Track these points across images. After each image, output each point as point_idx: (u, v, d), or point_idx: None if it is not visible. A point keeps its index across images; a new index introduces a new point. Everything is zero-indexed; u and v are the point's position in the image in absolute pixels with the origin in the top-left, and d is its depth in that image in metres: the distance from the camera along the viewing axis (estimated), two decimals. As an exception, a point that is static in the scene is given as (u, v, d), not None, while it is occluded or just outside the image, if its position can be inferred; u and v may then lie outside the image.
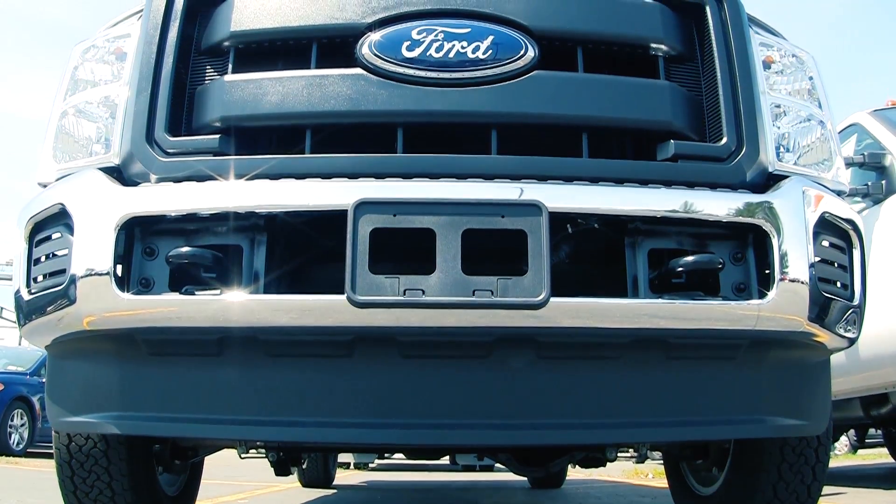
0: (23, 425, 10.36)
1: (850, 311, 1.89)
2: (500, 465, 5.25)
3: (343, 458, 9.40)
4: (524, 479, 6.52)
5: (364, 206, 1.68)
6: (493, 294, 1.65)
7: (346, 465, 10.68)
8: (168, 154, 1.86)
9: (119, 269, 1.74)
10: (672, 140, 1.91)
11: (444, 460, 10.38)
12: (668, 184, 1.85)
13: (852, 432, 9.65)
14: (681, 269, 1.82)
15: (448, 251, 1.66)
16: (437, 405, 1.82)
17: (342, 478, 7.72)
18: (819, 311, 1.80)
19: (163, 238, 1.80)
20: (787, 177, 1.92)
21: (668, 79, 2.00)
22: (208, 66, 2.03)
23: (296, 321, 1.70)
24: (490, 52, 1.89)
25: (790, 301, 1.77)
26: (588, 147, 1.91)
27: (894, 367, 4.06)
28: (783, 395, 1.92)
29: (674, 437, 2.08)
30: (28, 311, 1.85)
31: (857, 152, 4.53)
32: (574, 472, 7.57)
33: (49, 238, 1.87)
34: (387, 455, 9.72)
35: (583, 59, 1.97)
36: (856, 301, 1.90)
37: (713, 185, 1.87)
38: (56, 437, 2.24)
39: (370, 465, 11.48)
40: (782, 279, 1.76)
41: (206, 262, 1.78)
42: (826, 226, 1.88)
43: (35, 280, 1.87)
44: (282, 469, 3.10)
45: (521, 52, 1.90)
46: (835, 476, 5.48)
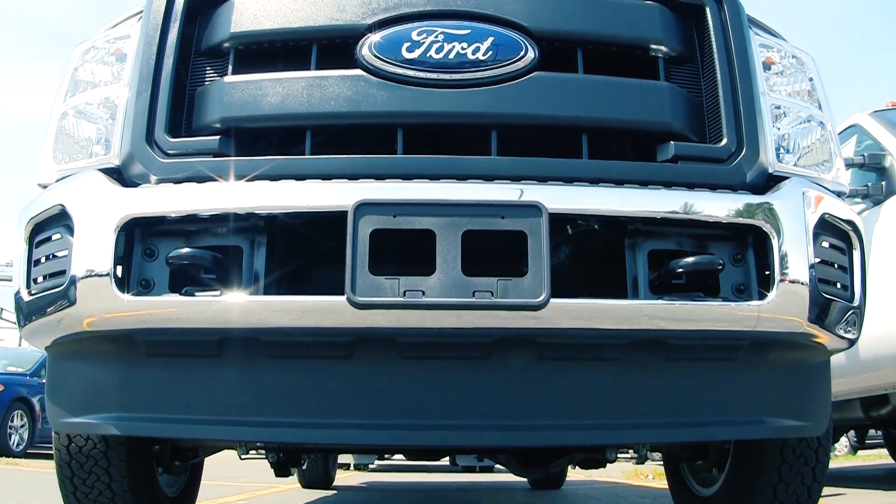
0: (23, 426, 10.35)
1: (850, 312, 1.89)
2: (499, 466, 5.25)
3: (343, 459, 9.38)
4: (524, 480, 6.52)
5: (364, 207, 1.68)
6: (493, 295, 1.65)
7: (346, 466, 10.67)
8: (168, 155, 1.86)
9: (119, 270, 1.74)
10: (672, 141, 1.92)
11: (444, 461, 10.37)
12: (668, 185, 1.85)
13: (852, 433, 9.62)
14: (681, 270, 1.82)
15: (448, 252, 1.66)
16: (438, 406, 1.82)
17: (342, 479, 7.71)
18: (819, 312, 1.80)
19: (163, 239, 1.80)
20: (787, 178, 1.92)
21: (667, 80, 2.00)
22: (208, 68, 2.03)
23: (296, 322, 1.70)
24: (490, 53, 1.89)
25: (790, 302, 1.77)
26: (588, 148, 1.91)
27: (894, 369, 4.05)
28: (783, 395, 1.92)
29: (674, 437, 2.08)
30: (28, 312, 1.85)
31: (857, 153, 4.52)
32: (574, 473, 7.56)
33: (49, 239, 1.87)
34: (387, 456, 9.72)
35: (583, 61, 1.97)
36: (856, 302, 1.91)
37: (713, 186, 1.87)
38: (56, 438, 2.23)
39: (370, 466, 11.46)
40: (782, 280, 1.76)
41: (206, 264, 1.78)
42: (826, 227, 1.88)
43: (35, 281, 1.87)
44: (282, 470, 3.09)
45: (521, 54, 1.90)
46: (835, 477, 5.48)
